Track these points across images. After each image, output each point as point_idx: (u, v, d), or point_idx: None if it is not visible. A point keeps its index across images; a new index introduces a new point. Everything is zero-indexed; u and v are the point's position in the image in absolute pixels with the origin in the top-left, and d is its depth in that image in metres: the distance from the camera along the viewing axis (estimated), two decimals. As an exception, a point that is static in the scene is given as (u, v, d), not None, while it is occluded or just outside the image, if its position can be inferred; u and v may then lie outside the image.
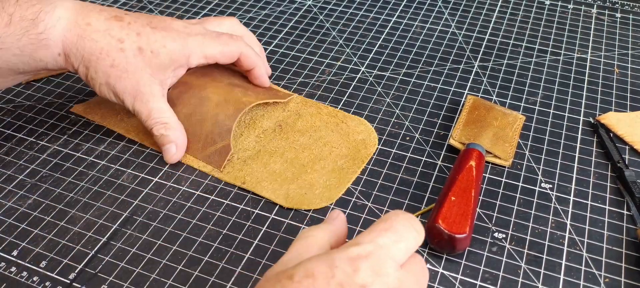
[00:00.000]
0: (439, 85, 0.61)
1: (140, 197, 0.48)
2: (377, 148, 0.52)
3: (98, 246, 0.44)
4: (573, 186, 0.49)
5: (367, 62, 0.64)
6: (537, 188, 0.49)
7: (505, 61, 0.65)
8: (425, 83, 0.61)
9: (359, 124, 0.55)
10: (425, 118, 0.56)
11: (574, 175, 0.50)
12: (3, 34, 0.45)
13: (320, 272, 0.30)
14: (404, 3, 0.76)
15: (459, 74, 0.62)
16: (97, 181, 0.49)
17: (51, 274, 0.42)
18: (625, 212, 0.47)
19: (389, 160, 0.51)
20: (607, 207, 0.47)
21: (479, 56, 0.65)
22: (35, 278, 0.42)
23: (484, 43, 0.68)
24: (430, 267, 0.42)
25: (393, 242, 0.32)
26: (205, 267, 0.42)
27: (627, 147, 0.53)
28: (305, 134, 0.53)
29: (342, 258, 0.31)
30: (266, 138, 0.52)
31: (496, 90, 0.60)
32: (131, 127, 0.54)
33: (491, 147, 0.51)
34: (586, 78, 0.62)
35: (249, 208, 0.47)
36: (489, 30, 0.70)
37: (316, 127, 0.54)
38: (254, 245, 0.44)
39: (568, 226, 0.46)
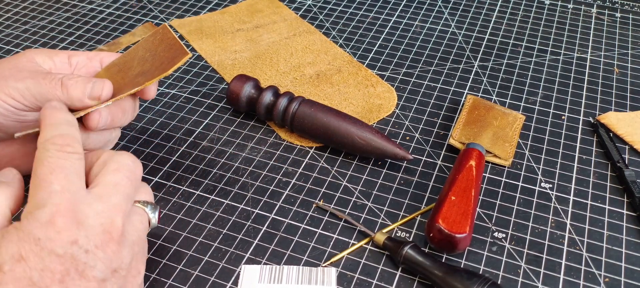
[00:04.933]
0: (439, 85, 0.61)
1: (140, 197, 0.48)
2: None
3: (98, 246, 0.44)
4: (573, 186, 0.49)
5: (367, 62, 0.64)
6: (537, 188, 0.49)
7: (505, 61, 0.65)
8: (425, 83, 0.61)
9: (386, 90, 0.59)
10: (425, 118, 0.56)
11: (574, 175, 0.50)
12: None
13: (28, 250, 0.29)
14: (403, 3, 0.76)
15: (458, 73, 0.62)
16: (97, 181, 0.49)
17: (51, 274, 0.42)
18: (625, 211, 0.47)
19: (389, 160, 0.51)
20: (607, 207, 0.47)
21: (479, 56, 0.65)
22: (35, 278, 0.41)
23: (484, 43, 0.68)
24: (430, 266, 0.42)
25: (67, 180, 0.31)
26: (205, 267, 0.42)
27: (627, 146, 0.53)
28: (335, 86, 0.59)
29: (39, 226, 0.29)
30: (301, 81, 0.59)
31: (496, 89, 0.60)
32: None
33: (491, 146, 0.51)
34: (586, 78, 0.62)
35: (249, 208, 0.47)
36: (489, 30, 0.70)
37: (347, 83, 0.59)
38: (254, 245, 0.44)
39: (568, 226, 0.46)
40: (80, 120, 0.41)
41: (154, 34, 0.47)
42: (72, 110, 0.40)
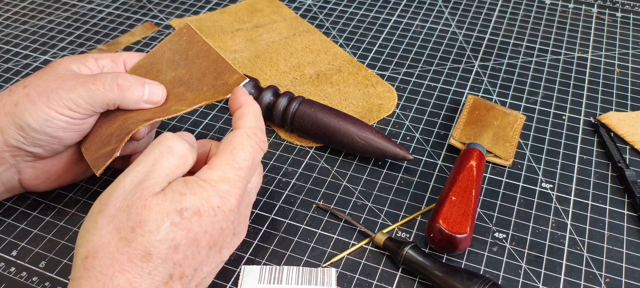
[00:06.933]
0: (440, 85, 0.61)
1: (139, 197, 0.48)
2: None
3: (97, 246, 0.44)
4: (574, 186, 0.49)
5: (367, 61, 0.64)
6: (537, 188, 0.49)
7: (506, 61, 0.65)
8: (426, 83, 0.61)
9: (386, 90, 0.59)
10: (425, 118, 0.56)
11: (575, 175, 0.50)
12: None
13: (206, 209, 0.34)
14: (403, 3, 0.76)
15: (459, 73, 0.62)
16: (96, 180, 0.49)
17: (50, 274, 0.42)
18: (626, 212, 0.47)
19: (389, 160, 0.51)
20: (607, 207, 0.47)
21: (480, 56, 0.65)
22: (34, 278, 0.41)
23: (485, 42, 0.68)
24: (431, 267, 0.42)
25: (251, 172, 0.38)
26: (205, 267, 0.42)
27: (627, 146, 0.53)
28: (335, 86, 0.59)
29: (216, 195, 0.35)
30: (301, 80, 0.59)
31: (497, 89, 0.60)
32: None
33: (492, 146, 0.51)
34: (587, 78, 0.62)
35: (248, 208, 0.47)
36: (490, 30, 0.70)
37: (347, 82, 0.59)
38: (253, 245, 0.44)
39: (569, 226, 0.46)
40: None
41: (179, 34, 0.46)
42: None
